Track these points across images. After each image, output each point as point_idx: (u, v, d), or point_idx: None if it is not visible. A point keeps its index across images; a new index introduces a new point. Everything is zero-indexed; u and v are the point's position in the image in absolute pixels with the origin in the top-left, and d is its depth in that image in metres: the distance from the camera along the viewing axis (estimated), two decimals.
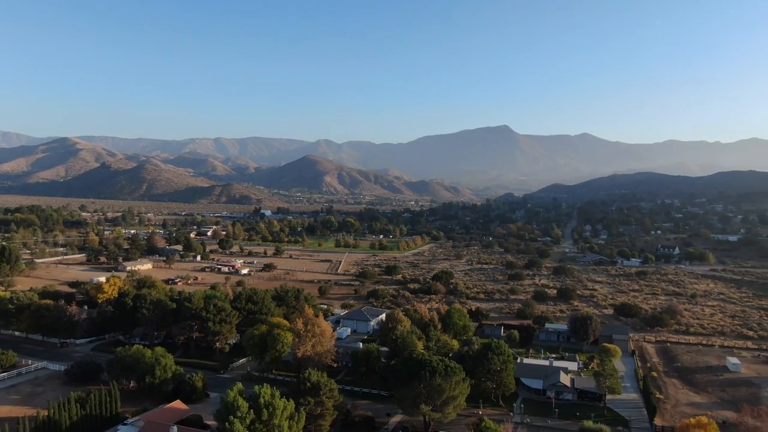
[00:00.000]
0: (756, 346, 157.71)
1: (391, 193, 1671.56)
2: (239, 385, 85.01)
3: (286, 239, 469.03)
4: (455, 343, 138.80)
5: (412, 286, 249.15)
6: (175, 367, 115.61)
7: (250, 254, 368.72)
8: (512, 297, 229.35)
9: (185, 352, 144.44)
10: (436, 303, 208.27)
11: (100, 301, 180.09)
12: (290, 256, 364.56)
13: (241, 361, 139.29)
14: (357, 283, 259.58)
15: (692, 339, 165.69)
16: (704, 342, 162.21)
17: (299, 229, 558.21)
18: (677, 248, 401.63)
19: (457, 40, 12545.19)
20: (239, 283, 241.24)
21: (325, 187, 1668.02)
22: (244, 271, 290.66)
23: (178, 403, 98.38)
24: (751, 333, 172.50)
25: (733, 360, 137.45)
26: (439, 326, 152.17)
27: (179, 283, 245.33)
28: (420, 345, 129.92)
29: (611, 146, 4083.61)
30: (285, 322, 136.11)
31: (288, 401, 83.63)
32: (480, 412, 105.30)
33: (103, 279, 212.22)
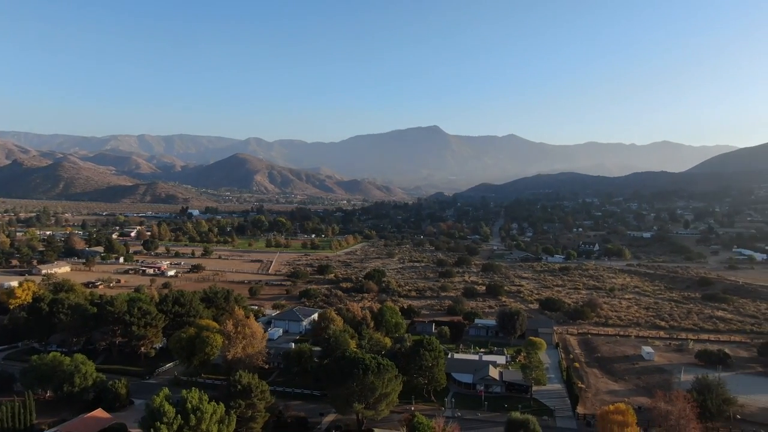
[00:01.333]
0: (667, 336, 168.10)
1: (323, 193, 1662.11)
2: (166, 390, 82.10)
3: (215, 239, 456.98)
4: (388, 341, 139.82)
5: (344, 285, 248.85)
6: (96, 375, 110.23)
7: (176, 255, 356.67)
8: (443, 294, 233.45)
9: (107, 359, 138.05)
10: (369, 302, 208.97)
11: (12, 306, 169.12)
12: (219, 257, 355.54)
13: (167, 365, 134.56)
14: (289, 283, 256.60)
15: (611, 330, 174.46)
16: (622, 333, 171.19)
17: (229, 229, 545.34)
18: (597, 245, 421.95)
19: (387, 40, 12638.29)
20: (165, 285, 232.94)
21: (255, 187, 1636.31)
22: (171, 272, 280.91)
23: (99, 412, 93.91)
24: (663, 323, 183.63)
25: (648, 349, 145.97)
26: (372, 324, 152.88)
27: (100, 287, 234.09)
28: (353, 344, 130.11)
29: (536, 147, 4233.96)
30: (214, 324, 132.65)
31: (217, 405, 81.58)
32: (412, 408, 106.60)
33: (15, 283, 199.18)
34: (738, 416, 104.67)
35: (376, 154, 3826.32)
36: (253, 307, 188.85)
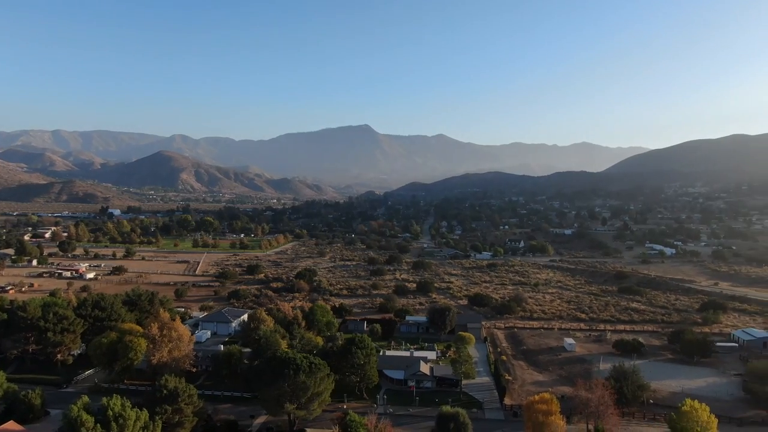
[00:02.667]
0: (587, 327, 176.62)
1: (252, 191, 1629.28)
2: (85, 398, 78.18)
3: (138, 240, 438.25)
4: (320, 340, 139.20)
5: (275, 285, 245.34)
6: (7, 385, 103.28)
7: (96, 257, 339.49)
8: (374, 292, 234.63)
9: (20, 368, 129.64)
10: (300, 301, 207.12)
11: None
12: (143, 258, 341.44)
13: (87, 372, 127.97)
14: (217, 283, 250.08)
15: (536, 324, 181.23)
16: (546, 326, 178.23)
17: (153, 229, 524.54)
18: (522, 242, 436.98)
19: (316, 38, 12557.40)
20: (84, 289, 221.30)
21: (181, 185, 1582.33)
22: (90, 275, 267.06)
23: (11, 425, 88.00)
24: (583, 315, 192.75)
25: (569, 341, 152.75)
26: (304, 324, 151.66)
27: (11, 291, 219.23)
28: (284, 344, 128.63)
29: (464, 147, 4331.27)
30: (138, 328, 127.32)
31: (141, 411, 78.45)
32: (345, 406, 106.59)
33: None
34: (651, 401, 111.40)
35: (307, 152, 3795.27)
36: (179, 309, 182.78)
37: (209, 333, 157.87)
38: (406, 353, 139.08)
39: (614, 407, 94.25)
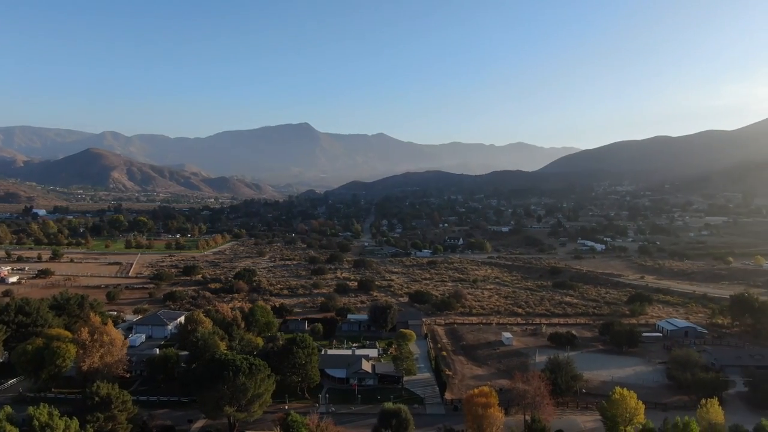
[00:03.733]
0: (524, 322, 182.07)
1: (188, 191, 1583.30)
2: (8, 408, 74.15)
3: (66, 241, 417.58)
4: (260, 341, 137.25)
5: (213, 285, 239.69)
6: None
7: (20, 260, 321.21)
8: (315, 291, 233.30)
9: None
10: (239, 302, 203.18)
11: None
12: (71, 260, 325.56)
13: (10, 382, 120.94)
14: (152, 285, 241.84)
15: (475, 319, 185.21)
16: (484, 321, 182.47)
17: (82, 229, 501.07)
18: (461, 239, 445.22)
19: (256, 36, 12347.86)
20: (6, 293, 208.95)
21: (112, 184, 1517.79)
22: (13, 279, 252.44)
23: None
24: (520, 310, 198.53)
25: (507, 335, 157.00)
26: (243, 325, 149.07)
27: None
28: (223, 345, 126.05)
29: (404, 146, 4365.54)
30: (67, 333, 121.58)
31: (71, 420, 74.99)
32: (286, 407, 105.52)
33: None
34: (584, 390, 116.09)
35: (246, 150, 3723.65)
36: (111, 312, 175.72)
37: (144, 337, 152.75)
38: (348, 352, 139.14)
39: (549, 398, 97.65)
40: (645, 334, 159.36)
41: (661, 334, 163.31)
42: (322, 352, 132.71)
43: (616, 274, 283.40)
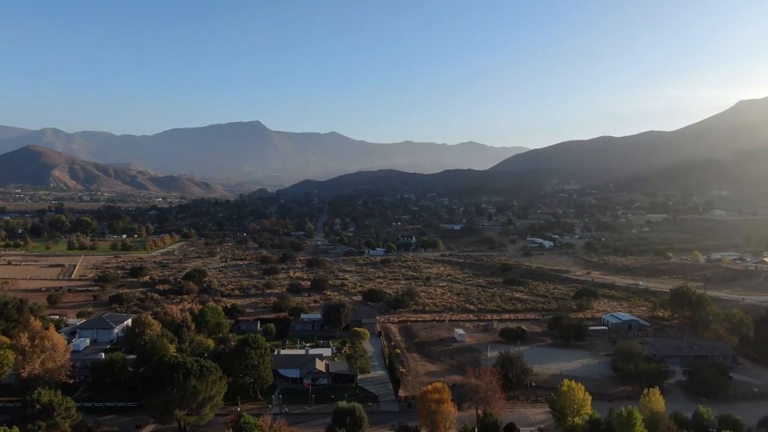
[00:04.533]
0: (476, 318, 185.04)
1: (135, 190, 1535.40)
2: None
3: (3, 243, 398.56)
4: (211, 342, 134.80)
5: (161, 287, 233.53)
6: None
7: None
8: (268, 291, 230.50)
9: None
10: (189, 303, 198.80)
11: None
12: (9, 263, 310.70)
13: None
14: (96, 288, 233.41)
15: (428, 316, 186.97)
16: (437, 318, 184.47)
17: (20, 230, 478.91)
18: (414, 237, 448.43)
19: (206, 33, 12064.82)
20: None
21: (53, 183, 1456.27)
22: None
23: None
24: (472, 307, 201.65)
25: (459, 331, 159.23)
26: (193, 326, 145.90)
27: None
28: (172, 348, 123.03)
29: (357, 145, 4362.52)
30: (5, 339, 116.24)
31: (11, 429, 71.71)
32: (239, 409, 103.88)
33: None
34: (534, 383, 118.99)
35: (195, 149, 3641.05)
36: (53, 317, 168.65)
37: (88, 341, 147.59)
38: (302, 351, 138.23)
39: (501, 392, 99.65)
40: (591, 328, 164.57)
41: (606, 328, 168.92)
42: (275, 353, 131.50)
43: (564, 270, 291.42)
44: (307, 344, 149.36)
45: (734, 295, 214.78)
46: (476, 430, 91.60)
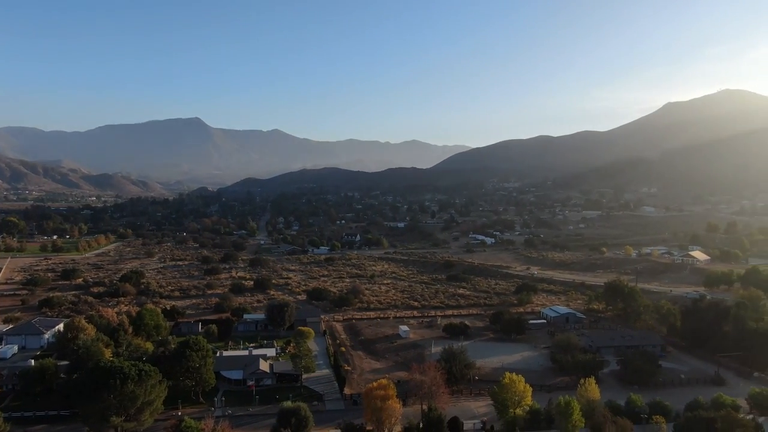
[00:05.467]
0: (420, 314, 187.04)
1: (66, 188, 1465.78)
2: None
3: None
4: (149, 345, 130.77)
5: (96, 289, 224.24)
6: None
7: None
8: (209, 292, 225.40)
9: None
10: (126, 306, 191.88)
11: None
12: None
13: None
14: (25, 292, 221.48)
15: (372, 314, 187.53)
16: (382, 315, 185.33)
17: None
18: (358, 235, 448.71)
19: (140, 25, 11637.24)
20: None
21: None
22: None
23: None
24: (416, 303, 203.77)
25: (404, 328, 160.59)
26: (131, 330, 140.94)
27: None
28: (108, 352, 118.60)
29: (300, 143, 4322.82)
30: None
31: None
32: (179, 413, 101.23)
33: None
34: (477, 377, 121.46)
35: (131, 146, 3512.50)
36: None
37: (16, 348, 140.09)
38: (245, 352, 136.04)
39: (445, 386, 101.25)
40: (531, 322, 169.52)
41: (545, 321, 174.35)
42: (218, 354, 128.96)
43: (505, 266, 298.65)
44: (251, 345, 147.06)
45: (663, 288, 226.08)
46: (421, 425, 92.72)
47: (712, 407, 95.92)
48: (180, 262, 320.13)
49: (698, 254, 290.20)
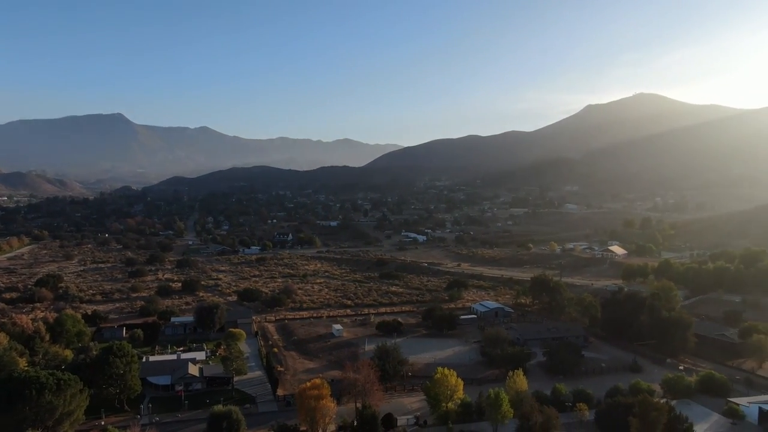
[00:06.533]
0: (353, 313, 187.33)
1: None
2: None
3: None
4: (69, 353, 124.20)
5: (8, 295, 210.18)
6: None
7: None
8: (134, 295, 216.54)
9: None
10: (43, 312, 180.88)
11: None
12: None
13: None
14: None
15: (306, 314, 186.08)
16: (315, 315, 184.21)
17: None
18: (290, 235, 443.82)
19: (60, 18, 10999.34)
20: None
21: None
22: None
23: None
24: (349, 302, 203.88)
25: (337, 327, 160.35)
26: (48, 337, 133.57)
27: None
28: (23, 362, 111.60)
29: (230, 140, 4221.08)
30: None
31: None
32: (102, 422, 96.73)
33: None
34: (410, 373, 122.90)
35: (47, 142, 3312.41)
36: None
37: None
38: (173, 356, 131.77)
39: (379, 384, 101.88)
40: (462, 317, 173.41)
41: (475, 316, 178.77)
42: (144, 360, 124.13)
43: (437, 263, 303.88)
44: (179, 349, 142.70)
45: (585, 281, 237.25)
46: (355, 423, 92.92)
47: (630, 393, 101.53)
48: (102, 265, 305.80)
49: (617, 249, 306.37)
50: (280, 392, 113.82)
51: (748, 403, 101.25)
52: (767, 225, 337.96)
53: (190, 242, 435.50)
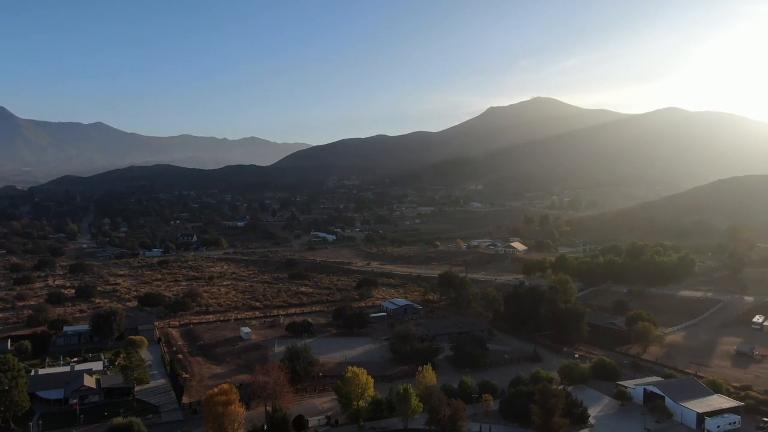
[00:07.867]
0: (262, 315, 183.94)
1: None
2: None
3: None
4: None
5: None
6: None
7: None
8: (20, 304, 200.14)
9: None
10: None
11: None
12: None
13: None
14: None
15: (212, 317, 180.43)
16: (222, 318, 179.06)
17: None
18: (195, 236, 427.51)
19: None
20: None
21: None
22: None
23: None
24: (258, 304, 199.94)
25: (246, 329, 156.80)
26: None
27: None
28: None
29: (128, 137, 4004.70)
30: None
31: None
32: None
33: None
34: (321, 374, 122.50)
35: None
36: None
37: None
38: (66, 368, 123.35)
39: (289, 386, 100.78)
40: (372, 315, 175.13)
41: (385, 314, 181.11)
42: (32, 373, 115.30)
43: (347, 262, 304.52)
44: (73, 360, 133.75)
45: (489, 276, 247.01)
46: (265, 426, 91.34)
47: (531, 382, 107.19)
48: None
49: (518, 245, 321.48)
50: (185, 400, 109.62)
51: (635, 386, 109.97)
52: (651, 220, 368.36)
53: (85, 245, 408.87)
